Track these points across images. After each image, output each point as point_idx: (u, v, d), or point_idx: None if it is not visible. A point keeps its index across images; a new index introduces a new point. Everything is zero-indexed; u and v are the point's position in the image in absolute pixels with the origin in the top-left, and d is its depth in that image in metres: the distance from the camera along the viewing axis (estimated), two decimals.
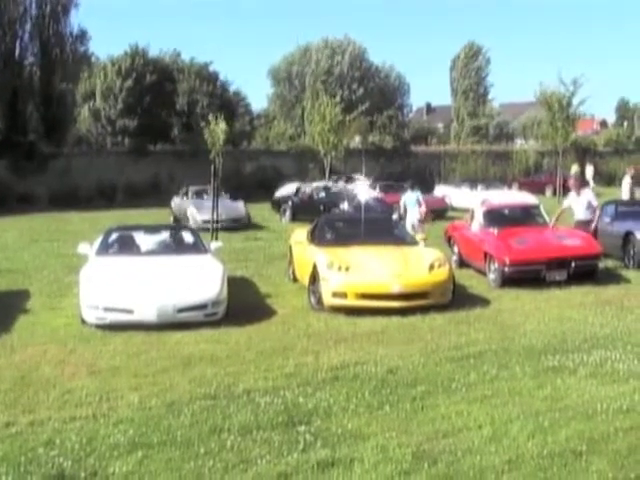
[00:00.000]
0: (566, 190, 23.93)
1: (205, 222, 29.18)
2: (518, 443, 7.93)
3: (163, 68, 66.65)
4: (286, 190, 41.14)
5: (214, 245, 17.09)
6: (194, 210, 31.75)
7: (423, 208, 24.07)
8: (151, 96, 63.93)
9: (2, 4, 49.16)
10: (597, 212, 20.01)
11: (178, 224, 28.93)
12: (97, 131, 67.11)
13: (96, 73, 65.55)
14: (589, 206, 19.70)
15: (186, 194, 34.93)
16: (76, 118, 60.21)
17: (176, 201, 35.93)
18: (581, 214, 19.67)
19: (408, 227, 22.48)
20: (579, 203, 19.74)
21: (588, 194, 20.26)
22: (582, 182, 22.73)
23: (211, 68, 69.40)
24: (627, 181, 31.37)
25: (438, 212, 32.95)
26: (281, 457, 7.67)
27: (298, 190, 39.03)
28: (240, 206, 33.26)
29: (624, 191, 31.27)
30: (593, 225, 19.55)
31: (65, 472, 7.40)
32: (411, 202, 23.82)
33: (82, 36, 53.42)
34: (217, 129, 35.94)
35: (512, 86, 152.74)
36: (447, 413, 8.82)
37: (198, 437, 8.16)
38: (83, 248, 16.18)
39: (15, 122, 49.13)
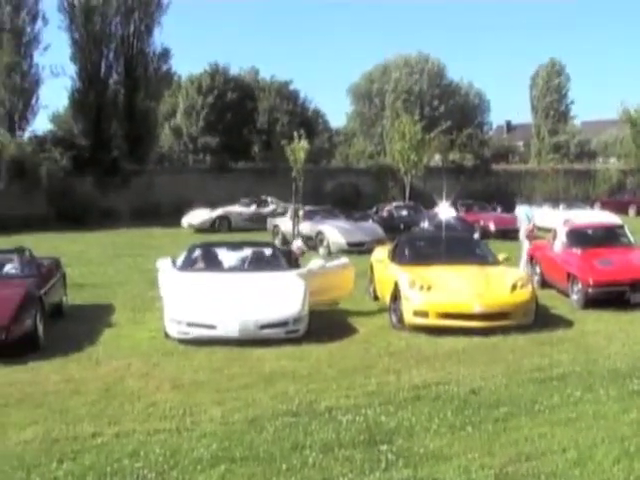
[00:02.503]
0: None
1: (351, 245, 28.81)
2: (603, 468, 7.80)
3: (244, 86, 67.36)
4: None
5: (342, 260, 17.30)
6: (336, 233, 30.01)
7: (529, 224, 23.92)
8: (232, 114, 64.61)
9: (89, 25, 50.17)
10: None
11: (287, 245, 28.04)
12: (179, 148, 67.97)
13: (177, 91, 66.39)
14: None
15: (297, 215, 33.35)
16: (158, 136, 60.96)
17: (282, 221, 34.37)
18: None
19: (522, 241, 23.12)
20: None
21: None
22: None
23: (291, 86, 69.96)
24: None
25: (518, 232, 32.59)
26: (363, 476, 7.67)
27: (377, 209, 38.95)
28: (377, 227, 32.04)
29: None
30: None
31: None
32: (522, 217, 23.86)
33: (165, 54, 54.15)
34: (299, 147, 36.15)
35: (594, 103, 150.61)
36: (530, 435, 8.72)
37: (280, 453, 8.19)
38: (161, 263, 16.44)
39: (99, 139, 49.95)
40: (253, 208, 41.81)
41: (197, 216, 40.25)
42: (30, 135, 50.69)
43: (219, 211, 40.42)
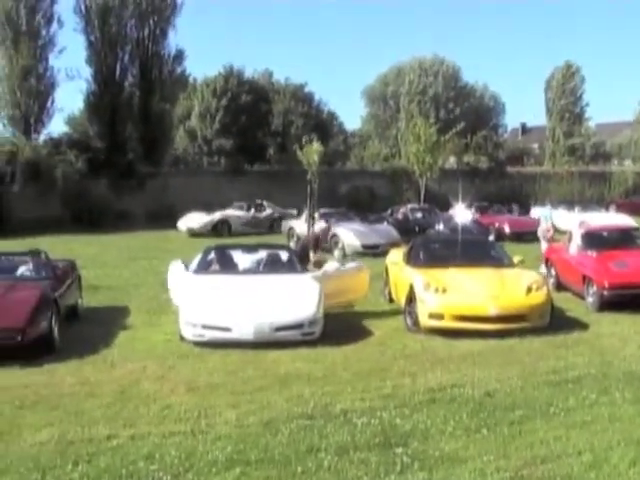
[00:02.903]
0: None
1: (365, 248, 28.74)
2: (619, 471, 7.77)
3: (258, 89, 67.43)
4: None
5: (357, 263, 17.35)
6: (351, 235, 29.89)
7: (544, 225, 24.35)
8: (246, 116, 64.66)
9: (104, 27, 50.39)
10: None
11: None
12: (193, 151, 68.09)
13: (192, 94, 66.50)
14: None
15: (312, 217, 32.72)
16: (173, 138, 61.06)
17: (297, 224, 34.32)
18: None
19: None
20: None
21: None
22: None
23: (306, 89, 70.01)
24: None
25: (533, 234, 32.60)
26: (378, 479, 7.67)
27: (392, 211, 38.91)
28: (392, 230, 31.86)
29: None
30: None
31: None
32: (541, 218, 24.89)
33: (179, 56, 54.32)
34: (312, 150, 36.08)
35: (609, 105, 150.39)
36: (545, 438, 8.69)
37: (295, 456, 8.18)
38: (173, 266, 16.64)
39: (115, 141, 50.15)
40: (252, 212, 41.50)
41: (196, 219, 39.63)
42: (45, 138, 51.04)
43: (218, 215, 39.97)
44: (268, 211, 41.36)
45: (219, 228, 38.86)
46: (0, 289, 14.12)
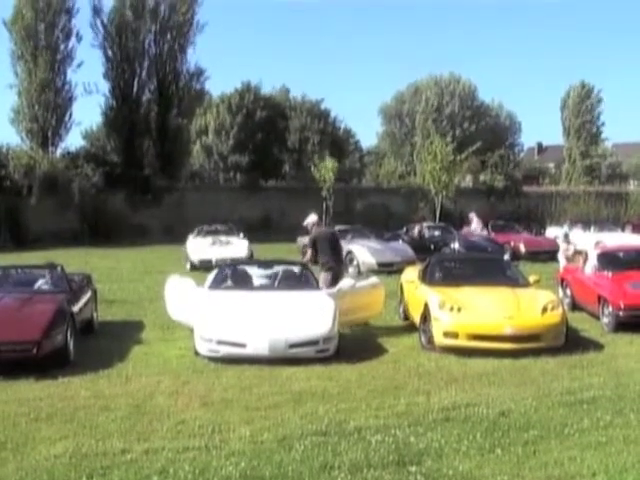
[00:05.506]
0: None
1: (381, 265, 28.51)
2: None
3: (274, 105, 67.57)
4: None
5: (372, 280, 17.32)
6: (366, 253, 29.47)
7: (564, 245, 24.40)
8: (263, 133, 64.81)
9: (122, 42, 50.75)
10: None
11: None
12: (210, 166, 68.30)
13: (208, 109, 66.74)
14: None
15: None
16: (190, 153, 61.34)
17: None
18: None
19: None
20: None
21: None
22: None
23: (322, 106, 70.14)
24: None
25: (549, 254, 32.53)
26: None
27: (408, 229, 38.89)
28: (407, 248, 31.46)
29: None
30: None
31: None
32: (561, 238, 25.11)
33: (199, 74, 54.64)
34: (325, 167, 36.14)
35: (626, 125, 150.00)
36: (560, 459, 8.64)
37: (309, 473, 8.16)
38: (174, 280, 16.76)
39: (132, 156, 50.49)
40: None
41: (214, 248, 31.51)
42: (63, 151, 51.47)
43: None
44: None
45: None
46: (16, 302, 14.22)
